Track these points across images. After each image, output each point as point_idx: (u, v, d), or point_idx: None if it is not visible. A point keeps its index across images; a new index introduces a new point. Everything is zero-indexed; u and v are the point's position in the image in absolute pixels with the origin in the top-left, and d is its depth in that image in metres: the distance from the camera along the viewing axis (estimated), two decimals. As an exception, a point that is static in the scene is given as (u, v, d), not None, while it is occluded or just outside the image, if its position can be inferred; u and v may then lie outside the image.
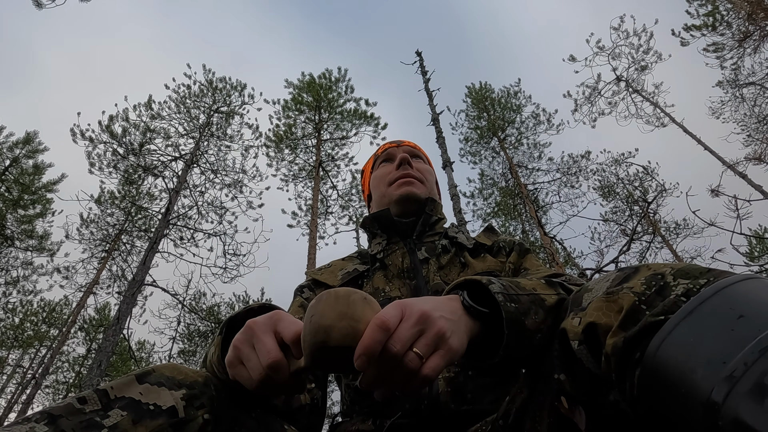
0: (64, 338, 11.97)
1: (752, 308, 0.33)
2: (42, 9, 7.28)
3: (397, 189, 1.02)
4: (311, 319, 0.44)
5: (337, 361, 0.43)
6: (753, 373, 0.29)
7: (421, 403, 0.71)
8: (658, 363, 0.34)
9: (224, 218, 10.73)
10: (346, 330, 0.42)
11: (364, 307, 0.44)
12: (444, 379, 0.72)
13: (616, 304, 0.40)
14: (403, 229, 1.00)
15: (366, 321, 0.43)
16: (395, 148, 1.13)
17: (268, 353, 0.46)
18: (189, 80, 11.27)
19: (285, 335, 0.48)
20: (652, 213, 8.67)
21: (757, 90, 10.78)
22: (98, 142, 10.03)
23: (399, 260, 0.95)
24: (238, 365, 0.49)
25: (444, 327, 0.44)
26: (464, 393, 0.71)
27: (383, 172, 1.09)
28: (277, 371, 0.46)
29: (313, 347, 0.43)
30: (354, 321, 0.43)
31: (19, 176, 12.24)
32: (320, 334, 0.42)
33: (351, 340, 0.42)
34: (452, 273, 0.90)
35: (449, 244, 0.96)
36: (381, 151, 1.16)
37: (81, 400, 0.44)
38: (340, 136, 11.62)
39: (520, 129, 13.22)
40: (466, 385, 0.72)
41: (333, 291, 0.45)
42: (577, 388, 0.43)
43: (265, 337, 0.48)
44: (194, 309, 11.21)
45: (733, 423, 0.28)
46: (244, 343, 0.49)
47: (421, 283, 0.88)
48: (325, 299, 0.44)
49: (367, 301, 0.45)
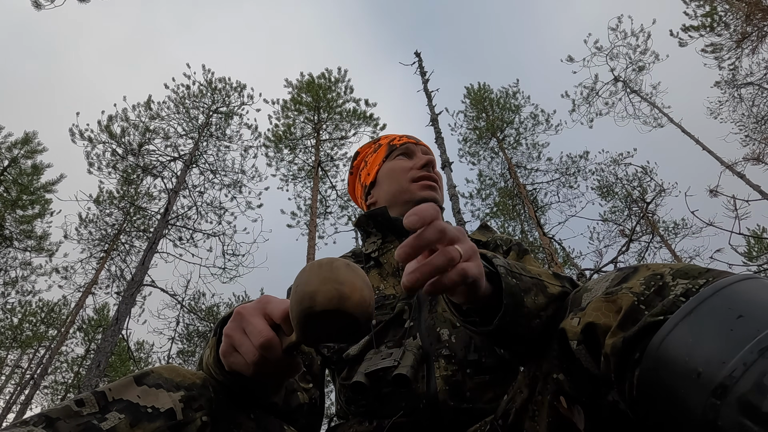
0: (62, 338, 11.94)
1: (751, 308, 0.33)
2: (41, 9, 7.27)
3: (422, 190, 1.00)
4: (296, 289, 0.43)
5: (325, 327, 0.43)
6: (752, 373, 0.29)
7: (420, 401, 0.70)
8: (658, 363, 0.34)
9: (223, 218, 10.74)
10: (331, 293, 0.41)
11: (347, 271, 0.43)
12: (442, 377, 0.72)
13: (615, 304, 0.40)
14: (400, 228, 0.97)
15: (350, 284, 0.42)
16: (414, 144, 1.09)
17: (259, 333, 0.47)
18: (188, 80, 11.28)
19: (274, 315, 0.48)
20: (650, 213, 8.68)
21: (755, 90, 10.81)
22: (97, 142, 10.02)
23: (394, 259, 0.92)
24: (232, 353, 0.49)
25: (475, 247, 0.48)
26: (463, 391, 0.71)
27: (403, 165, 1.04)
28: (270, 350, 0.46)
29: (300, 315, 0.42)
30: (338, 284, 0.42)
31: (18, 176, 12.22)
32: (306, 300, 0.42)
33: (337, 303, 0.41)
34: None
35: None
36: (398, 142, 1.09)
37: (79, 403, 0.44)
38: (339, 136, 11.62)
39: (519, 129, 13.24)
40: (464, 383, 0.72)
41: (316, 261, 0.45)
42: (576, 388, 0.43)
43: (255, 320, 0.48)
44: (193, 309, 11.21)
45: (733, 423, 0.28)
46: (235, 330, 0.49)
47: None
48: (308, 269, 0.44)
49: (351, 267, 0.44)
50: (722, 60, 11.10)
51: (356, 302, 0.42)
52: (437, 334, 0.77)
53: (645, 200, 9.30)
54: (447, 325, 0.77)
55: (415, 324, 0.79)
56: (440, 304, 0.80)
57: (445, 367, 0.73)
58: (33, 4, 7.22)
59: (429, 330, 0.77)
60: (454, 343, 0.75)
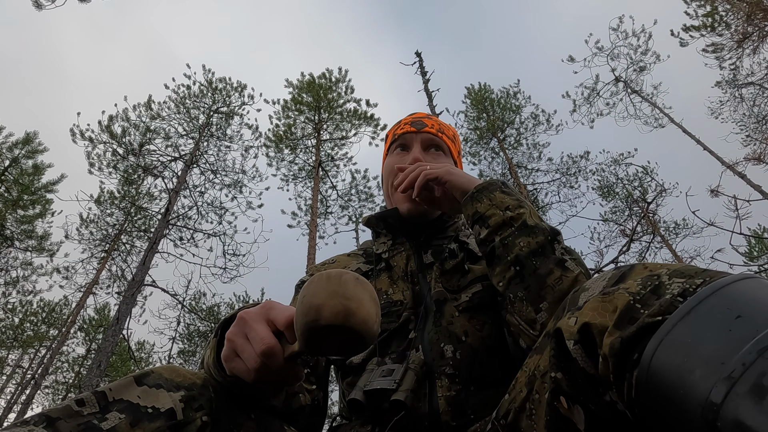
0: (63, 338, 11.96)
1: (750, 308, 0.32)
2: (41, 10, 7.28)
3: (402, 203, 0.93)
4: (303, 300, 0.43)
5: (329, 341, 0.43)
6: (751, 374, 0.29)
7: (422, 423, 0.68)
8: (656, 364, 0.34)
9: (224, 218, 10.75)
10: (338, 308, 0.41)
11: (356, 287, 0.43)
12: (445, 398, 0.69)
13: (611, 303, 0.40)
14: (411, 229, 0.94)
15: (357, 300, 0.42)
16: (413, 134, 0.99)
17: (262, 340, 0.47)
18: (188, 80, 11.28)
19: (278, 322, 0.48)
20: (651, 213, 8.67)
21: (756, 90, 10.79)
22: (98, 142, 10.03)
23: (403, 262, 0.90)
24: (234, 358, 0.49)
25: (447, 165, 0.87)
26: (465, 410, 0.69)
27: (392, 165, 0.98)
28: (272, 357, 0.46)
29: (305, 327, 0.42)
30: (345, 299, 0.42)
31: (19, 176, 12.23)
32: (311, 313, 0.42)
33: (342, 319, 0.41)
34: (453, 280, 0.83)
35: (458, 248, 0.88)
36: (400, 131, 1.02)
37: (79, 403, 0.44)
38: (340, 136, 11.62)
39: (520, 129, 13.23)
40: (467, 401, 0.70)
41: (324, 272, 0.45)
42: (574, 387, 0.43)
43: (258, 326, 0.48)
44: (194, 309, 11.21)
45: (732, 424, 0.28)
46: (237, 335, 0.49)
47: (425, 290, 0.83)
48: (316, 280, 0.44)
49: (359, 281, 0.44)
50: (723, 60, 11.09)
51: (362, 319, 0.42)
52: (441, 350, 0.74)
53: (646, 200, 9.28)
54: (452, 340, 0.75)
55: (419, 335, 0.77)
56: (445, 317, 0.78)
57: (448, 387, 0.71)
58: (33, 4, 7.22)
59: (432, 344, 0.75)
60: (459, 359, 0.73)
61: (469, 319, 0.77)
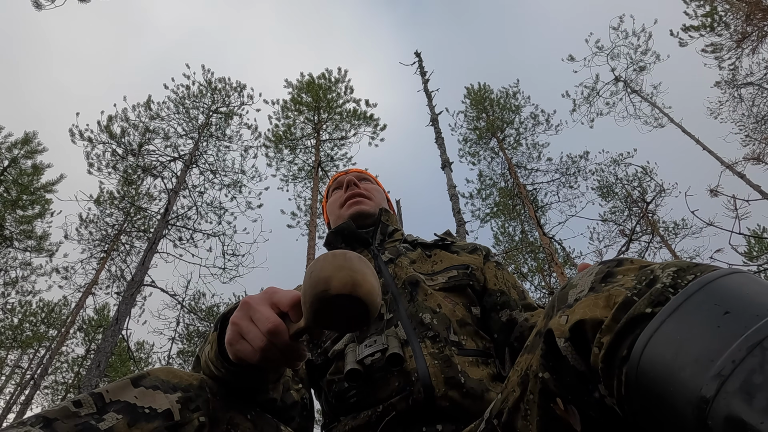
0: (62, 339, 11.95)
1: (738, 304, 0.32)
2: (41, 10, 7.28)
3: (348, 209, 1.12)
4: (311, 275, 0.45)
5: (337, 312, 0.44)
6: (741, 371, 0.29)
7: (411, 376, 0.73)
8: (646, 361, 0.34)
9: (223, 219, 10.74)
10: (346, 279, 0.43)
11: (359, 262, 0.46)
12: (430, 354, 0.76)
13: (609, 299, 0.40)
14: (365, 238, 1.07)
15: (362, 272, 0.44)
16: (344, 175, 1.23)
17: (267, 319, 0.48)
18: (188, 80, 11.27)
19: (282, 303, 0.50)
20: (650, 213, 8.68)
21: (755, 90, 10.80)
22: (97, 142, 10.02)
23: None
24: (239, 341, 0.50)
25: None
26: (453, 363, 0.75)
27: (336, 197, 1.19)
28: (278, 335, 0.48)
29: (314, 298, 0.44)
30: (352, 271, 0.44)
31: (18, 176, 12.22)
32: (321, 284, 0.43)
33: (351, 288, 0.43)
34: (424, 266, 0.99)
35: (411, 245, 1.08)
36: (332, 181, 1.27)
37: (76, 404, 0.44)
38: (339, 136, 11.62)
39: (519, 129, 13.24)
40: (452, 357, 0.76)
41: (330, 251, 0.47)
42: (562, 386, 0.43)
43: (262, 308, 0.49)
44: (193, 309, 11.20)
45: (722, 422, 0.28)
46: (242, 318, 0.50)
47: (389, 280, 0.93)
48: (322, 258, 0.46)
49: (362, 259, 0.46)
50: (722, 60, 11.10)
51: (367, 290, 0.44)
52: (420, 319, 0.82)
53: (645, 200, 9.30)
54: (428, 311, 0.84)
55: (395, 315, 0.84)
56: (420, 294, 0.87)
57: (432, 346, 0.77)
58: (33, 4, 7.22)
59: (411, 317, 0.83)
60: (437, 324, 0.81)
61: (443, 297, 0.89)
